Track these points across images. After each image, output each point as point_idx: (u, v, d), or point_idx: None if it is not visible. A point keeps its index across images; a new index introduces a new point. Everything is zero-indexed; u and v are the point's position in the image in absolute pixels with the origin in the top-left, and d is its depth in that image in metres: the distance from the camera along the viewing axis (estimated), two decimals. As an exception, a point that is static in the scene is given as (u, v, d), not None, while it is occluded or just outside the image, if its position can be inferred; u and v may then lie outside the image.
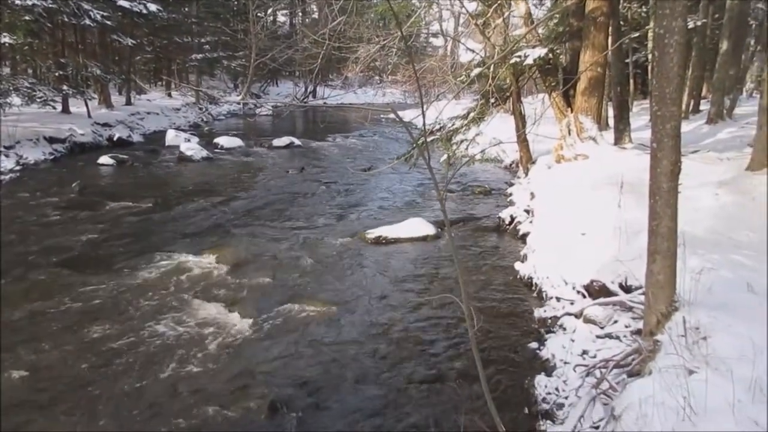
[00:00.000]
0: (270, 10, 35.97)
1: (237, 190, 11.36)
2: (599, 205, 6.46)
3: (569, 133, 9.72)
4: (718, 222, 5.52)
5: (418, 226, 8.25)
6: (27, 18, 15.20)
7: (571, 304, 5.22)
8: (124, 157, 14.39)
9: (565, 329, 4.90)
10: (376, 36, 10.32)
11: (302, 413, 3.95)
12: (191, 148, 15.38)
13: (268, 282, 6.36)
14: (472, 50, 12.35)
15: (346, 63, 12.25)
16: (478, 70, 9.76)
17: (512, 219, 8.64)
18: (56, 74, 18.33)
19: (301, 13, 41.86)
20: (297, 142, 18.28)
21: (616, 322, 4.60)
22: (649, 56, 16.75)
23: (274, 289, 6.18)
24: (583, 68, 9.65)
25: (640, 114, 16.70)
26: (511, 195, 10.52)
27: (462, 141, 10.24)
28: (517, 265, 6.66)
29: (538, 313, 5.47)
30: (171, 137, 17.45)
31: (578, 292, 5.30)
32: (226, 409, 3.98)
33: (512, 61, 9.50)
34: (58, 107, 17.53)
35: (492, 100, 9.74)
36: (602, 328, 4.60)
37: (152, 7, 21.73)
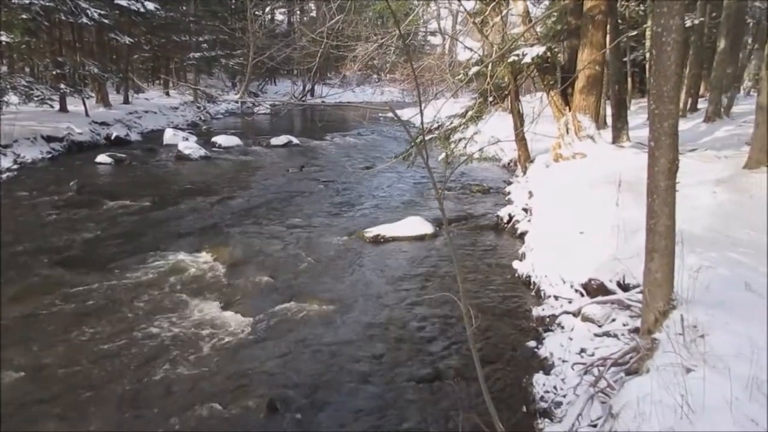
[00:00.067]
0: (268, 9, 35.96)
1: (235, 189, 11.34)
2: (597, 203, 6.47)
3: (567, 132, 9.72)
4: (716, 220, 5.53)
5: (417, 225, 8.26)
6: (24, 16, 15.14)
7: (569, 302, 5.22)
8: (122, 155, 14.37)
9: (563, 328, 4.90)
10: (374, 34, 10.30)
11: (301, 413, 3.95)
12: (189, 146, 15.37)
13: (266, 281, 6.36)
14: (470, 48, 12.38)
15: (344, 61, 12.25)
16: (476, 69, 9.76)
17: (510, 217, 8.65)
18: (54, 73, 18.26)
19: (299, 12, 41.73)
20: (295, 140, 18.24)
21: (614, 320, 4.60)
22: (647, 55, 16.73)
23: (272, 288, 6.18)
24: (581, 67, 9.65)
25: (638, 112, 16.74)
26: (509, 194, 10.52)
27: (460, 139, 10.25)
28: (516, 264, 6.68)
29: (537, 311, 5.48)
30: (169, 136, 17.44)
31: (576, 291, 5.31)
32: (224, 408, 3.98)
33: (510, 60, 9.51)
34: (56, 106, 17.49)
35: (490, 99, 9.73)
36: (600, 327, 4.60)
37: (150, 6, 21.69)
